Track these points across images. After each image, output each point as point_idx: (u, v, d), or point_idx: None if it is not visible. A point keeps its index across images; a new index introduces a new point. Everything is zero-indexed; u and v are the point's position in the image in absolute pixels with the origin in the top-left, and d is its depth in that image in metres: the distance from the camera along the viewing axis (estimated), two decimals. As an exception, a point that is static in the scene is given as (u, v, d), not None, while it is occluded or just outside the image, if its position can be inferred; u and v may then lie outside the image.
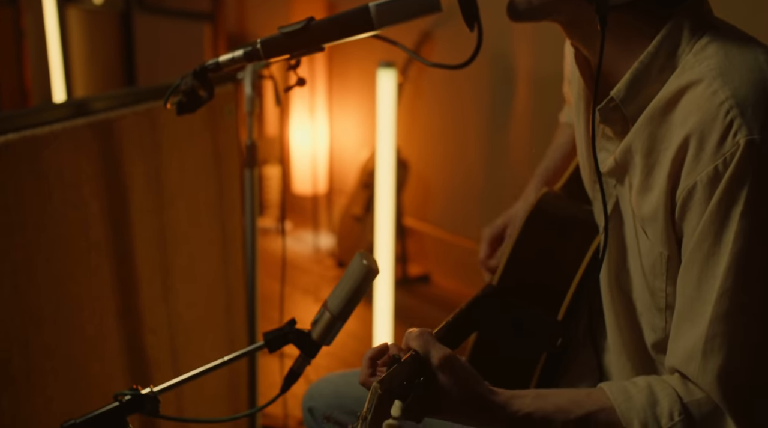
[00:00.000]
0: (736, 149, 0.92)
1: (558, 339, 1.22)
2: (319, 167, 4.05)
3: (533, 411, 1.00)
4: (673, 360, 1.02)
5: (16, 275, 1.50)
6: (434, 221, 3.72)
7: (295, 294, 3.48)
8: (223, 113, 2.03)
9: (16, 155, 1.47)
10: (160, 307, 1.89)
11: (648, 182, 1.03)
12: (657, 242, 1.04)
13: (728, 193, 0.93)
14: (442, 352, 0.98)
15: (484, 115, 3.41)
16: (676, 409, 0.98)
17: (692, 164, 0.95)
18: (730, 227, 0.93)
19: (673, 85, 1.00)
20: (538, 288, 1.28)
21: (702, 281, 0.97)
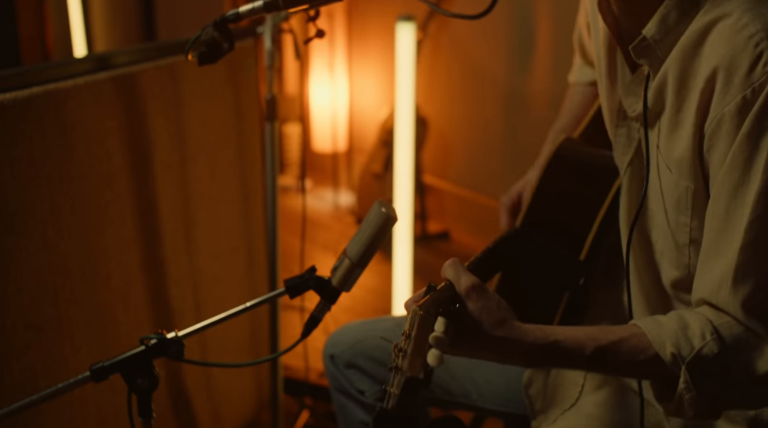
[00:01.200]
0: (765, 78, 0.93)
1: (580, 279, 1.24)
2: (339, 125, 4.06)
3: (563, 339, 1.00)
4: (702, 291, 1.03)
5: (45, 225, 1.53)
6: (454, 178, 3.73)
7: (315, 251, 3.52)
8: (244, 68, 2.04)
9: (41, 108, 1.50)
10: (183, 259, 1.93)
11: (678, 117, 1.04)
12: (683, 176, 1.04)
13: (757, 123, 0.94)
14: (471, 280, 0.99)
15: (503, 71, 3.40)
16: (707, 330, 0.99)
17: (721, 95, 0.96)
18: (759, 156, 0.94)
19: (703, 20, 1.00)
20: (560, 230, 1.30)
21: (730, 211, 0.97)
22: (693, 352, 0.98)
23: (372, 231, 1.17)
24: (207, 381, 2.07)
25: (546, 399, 1.35)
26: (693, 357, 0.98)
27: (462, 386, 1.45)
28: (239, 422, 2.24)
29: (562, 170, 1.32)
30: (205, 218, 1.99)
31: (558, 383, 1.33)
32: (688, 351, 0.98)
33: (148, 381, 1.19)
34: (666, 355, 0.99)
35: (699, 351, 0.98)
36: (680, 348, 0.99)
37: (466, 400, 1.45)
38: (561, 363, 1.12)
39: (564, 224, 1.30)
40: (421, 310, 0.92)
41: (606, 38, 1.20)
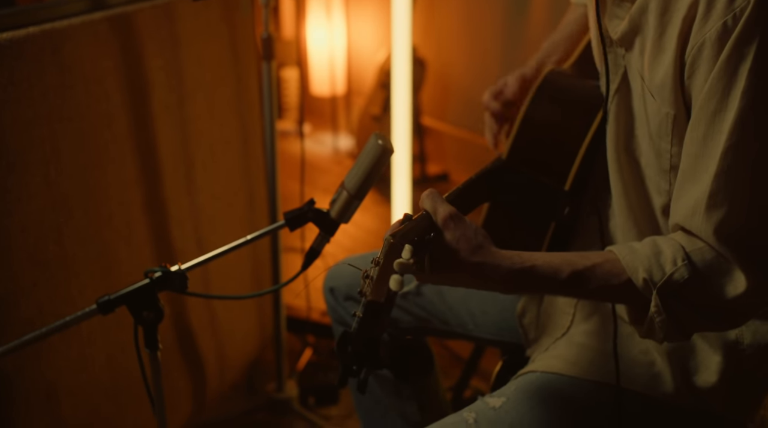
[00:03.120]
0: (746, 4, 0.93)
1: (565, 208, 1.26)
2: (337, 68, 4.04)
3: (540, 264, 1.03)
4: (677, 216, 1.05)
5: (46, 165, 1.55)
6: (452, 120, 3.73)
7: (315, 193, 3.51)
8: (239, 6, 2.03)
9: (37, 48, 1.50)
10: (184, 199, 1.95)
11: (661, 42, 1.04)
12: (665, 102, 1.05)
13: (736, 49, 0.94)
14: (448, 209, 1.02)
15: (501, 11, 3.37)
16: (679, 256, 1.01)
17: (702, 21, 0.96)
18: (737, 83, 0.95)
19: None
20: (545, 160, 1.32)
21: (708, 137, 0.98)
22: (664, 277, 1.01)
23: (369, 163, 1.19)
24: (211, 321, 2.11)
25: (539, 327, 1.38)
26: (664, 282, 1.01)
27: (458, 316, 1.48)
28: (243, 360, 2.29)
29: (548, 101, 1.33)
30: (205, 158, 2.00)
31: (550, 312, 1.36)
32: (660, 276, 1.01)
33: (153, 313, 1.23)
34: (638, 280, 1.02)
35: (670, 276, 1.01)
36: (652, 273, 1.01)
37: (462, 330, 1.49)
38: (538, 288, 1.15)
39: (549, 155, 1.31)
40: (391, 238, 0.94)
41: None
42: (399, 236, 0.95)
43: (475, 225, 1.05)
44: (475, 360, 2.03)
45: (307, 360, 2.49)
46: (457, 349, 2.48)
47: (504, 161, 1.35)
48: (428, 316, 1.50)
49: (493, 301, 1.46)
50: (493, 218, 1.36)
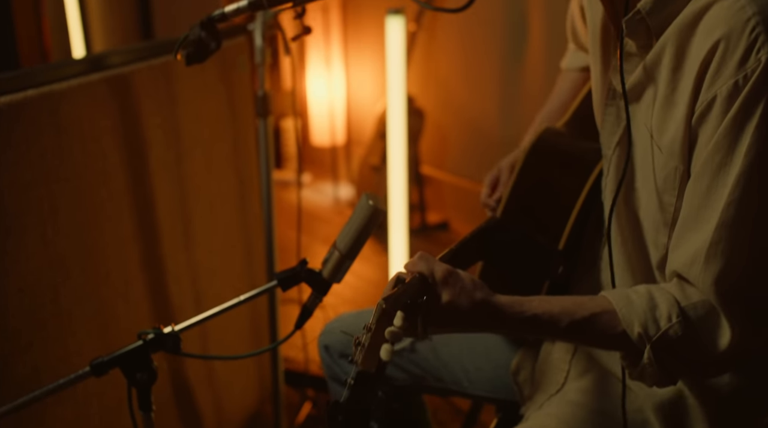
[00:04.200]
0: (757, 65, 0.95)
1: (559, 267, 1.27)
2: (337, 118, 4.08)
3: (540, 313, 1.06)
4: (675, 264, 1.06)
5: (43, 225, 1.56)
6: (452, 169, 3.75)
7: (315, 244, 3.55)
8: (236, 64, 2.07)
9: (35, 111, 1.52)
10: (182, 255, 1.96)
11: (673, 97, 1.05)
12: (674, 156, 1.06)
13: (745, 108, 0.96)
14: (443, 267, 1.04)
15: (498, 61, 3.41)
16: (674, 312, 1.04)
17: (714, 77, 0.98)
18: (743, 139, 0.97)
19: (702, 1, 1.01)
20: (539, 219, 1.32)
21: (711, 189, 1.00)
22: (659, 333, 1.04)
23: (360, 223, 1.20)
24: (209, 375, 2.10)
25: (534, 384, 1.38)
26: (658, 338, 1.04)
27: (452, 373, 1.48)
28: (242, 415, 2.28)
29: (542, 159, 1.35)
30: (203, 214, 2.01)
31: (545, 369, 1.36)
32: (655, 331, 1.04)
33: (146, 375, 1.23)
34: (633, 333, 1.05)
35: (665, 332, 1.04)
36: (647, 327, 1.04)
37: (457, 387, 1.49)
38: (537, 335, 1.21)
39: (543, 214, 1.32)
40: (384, 303, 0.95)
41: (601, 19, 1.21)
42: (391, 301, 0.95)
43: (472, 277, 1.07)
44: (474, 413, 2.01)
45: (307, 414, 2.47)
46: (458, 402, 2.46)
47: (498, 220, 1.36)
48: (423, 373, 1.49)
49: (488, 358, 1.46)
50: (487, 277, 1.36)
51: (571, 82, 1.59)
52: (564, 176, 1.32)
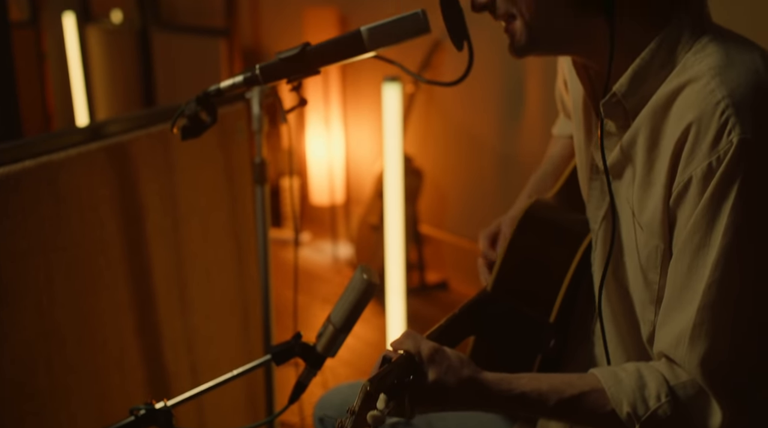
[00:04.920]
0: (729, 146, 0.96)
1: (551, 340, 1.26)
2: (336, 177, 4.10)
3: (528, 391, 1.05)
4: (661, 344, 1.06)
5: (39, 295, 1.56)
6: (451, 228, 3.76)
7: (314, 304, 3.53)
8: (234, 131, 2.09)
9: (34, 181, 1.54)
10: (178, 322, 1.95)
11: (650, 176, 1.07)
12: (654, 235, 1.07)
13: (720, 188, 0.97)
14: (430, 345, 1.04)
15: (496, 121, 3.45)
16: (663, 391, 1.03)
17: (688, 159, 1.00)
18: (720, 220, 0.98)
19: (674, 83, 1.04)
20: (530, 292, 1.32)
21: (692, 270, 1.01)
22: (648, 413, 1.03)
23: (354, 297, 1.20)
24: (204, 441, 2.08)
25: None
26: (647, 418, 1.04)
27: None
28: (238, 482, 2.24)
29: (531, 233, 1.35)
30: (199, 280, 2.01)
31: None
32: (644, 411, 1.04)
33: (138, 452, 1.21)
34: (622, 413, 1.04)
35: (654, 412, 1.03)
36: (636, 407, 1.04)
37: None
38: (526, 413, 1.20)
39: (533, 287, 1.32)
40: (369, 385, 0.94)
41: (581, 96, 1.23)
42: (376, 381, 0.94)
43: (460, 354, 1.07)
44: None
45: (304, 481, 2.43)
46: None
47: (488, 294, 1.36)
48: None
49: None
50: (479, 352, 1.35)
51: (561, 149, 1.60)
52: (553, 248, 1.33)
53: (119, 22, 5.56)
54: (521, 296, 1.32)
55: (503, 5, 1.09)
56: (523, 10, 1.07)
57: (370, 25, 1.16)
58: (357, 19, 3.91)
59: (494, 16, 1.12)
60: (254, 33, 4.59)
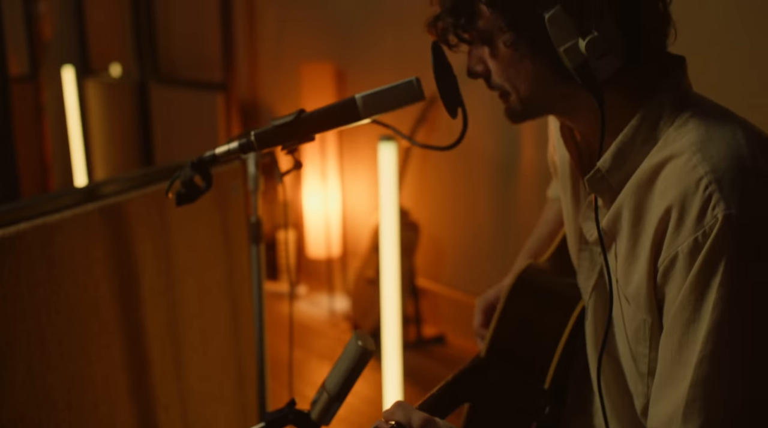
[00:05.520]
0: (714, 222, 0.96)
1: (545, 407, 1.24)
2: (333, 230, 4.10)
3: None
4: (654, 422, 1.04)
5: (30, 358, 1.54)
6: (447, 282, 3.74)
7: (310, 359, 3.50)
8: (230, 189, 2.09)
9: (27, 244, 1.53)
10: (172, 383, 1.93)
11: (635, 250, 1.07)
12: (640, 308, 1.07)
13: (707, 264, 0.97)
14: (422, 416, 1.03)
15: (493, 174, 3.46)
16: None
17: (674, 234, 1.00)
18: (709, 296, 0.97)
19: (656, 158, 1.04)
20: (524, 359, 1.31)
21: (683, 346, 1.00)
22: None
23: (349, 364, 1.19)
24: None
25: None
26: None
27: None
28: None
29: (524, 298, 1.35)
30: (194, 340, 1.99)
31: None
32: None
33: None
34: None
35: None
36: None
37: None
38: None
39: (528, 352, 1.31)
40: None
41: (569, 163, 1.24)
42: None
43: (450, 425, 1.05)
44: None
45: None
46: None
47: (482, 360, 1.34)
48: None
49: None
50: (473, 419, 1.33)
51: (555, 212, 1.61)
52: (546, 314, 1.32)
53: (118, 75, 5.62)
54: (515, 362, 1.31)
55: (498, 80, 1.11)
56: (518, 87, 1.09)
57: (364, 92, 1.17)
58: (353, 74, 3.96)
59: (488, 86, 1.13)
60: (252, 87, 4.64)
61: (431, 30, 1.14)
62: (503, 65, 1.09)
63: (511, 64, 1.08)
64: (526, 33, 1.04)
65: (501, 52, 1.08)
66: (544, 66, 1.06)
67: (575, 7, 1.00)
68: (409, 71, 1.20)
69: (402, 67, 3.64)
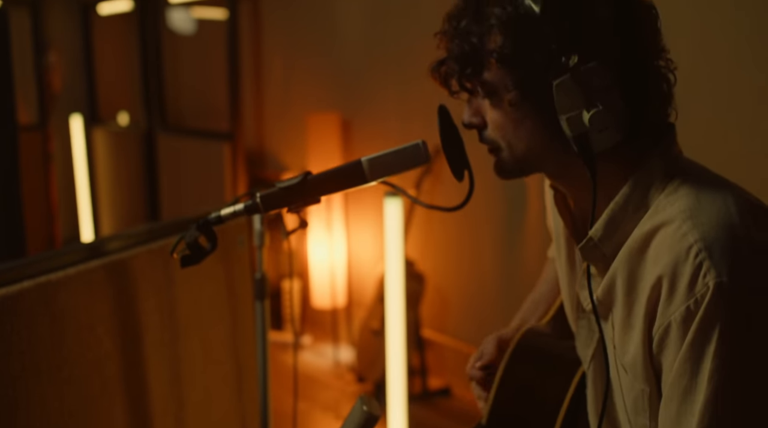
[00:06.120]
0: (706, 290, 0.96)
1: None
2: (338, 280, 4.09)
3: None
4: None
5: (30, 418, 1.52)
6: (453, 333, 3.71)
7: (314, 411, 3.46)
8: (236, 243, 2.08)
9: (31, 302, 1.52)
10: (174, 441, 1.90)
11: (630, 320, 1.06)
12: (638, 378, 1.06)
13: (701, 332, 0.96)
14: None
15: (498, 225, 3.45)
16: None
17: (666, 303, 0.99)
18: (704, 364, 0.96)
19: (647, 225, 1.04)
20: (526, 425, 1.29)
21: (681, 415, 0.99)
22: None
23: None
24: None
25: None
26: None
27: None
28: None
29: (525, 362, 1.33)
30: (197, 397, 1.97)
31: None
32: None
33: None
34: None
35: None
36: None
37: None
38: None
39: (530, 418, 1.29)
40: None
41: (564, 232, 1.23)
42: None
43: None
44: None
45: None
46: None
47: (484, 426, 1.32)
48: None
49: None
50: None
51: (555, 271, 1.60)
52: (547, 379, 1.30)
53: (126, 124, 5.67)
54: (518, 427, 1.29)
55: (493, 135, 1.10)
56: (513, 145, 1.09)
57: (370, 155, 1.17)
58: (359, 123, 3.98)
59: (480, 138, 1.12)
60: (258, 136, 4.66)
61: (434, 74, 1.13)
62: (502, 122, 1.08)
63: (511, 122, 1.07)
64: (531, 95, 1.04)
65: (502, 108, 1.07)
66: (543, 129, 1.06)
67: (584, 78, 1.00)
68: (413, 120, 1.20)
69: (407, 116, 3.67)
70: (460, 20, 1.07)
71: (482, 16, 1.04)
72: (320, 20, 4.18)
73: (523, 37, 1.02)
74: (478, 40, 1.04)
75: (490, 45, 1.04)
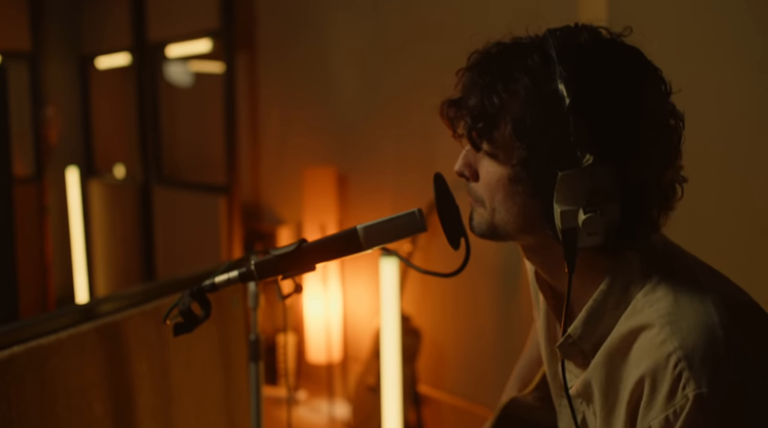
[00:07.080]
0: (685, 401, 0.94)
1: None
2: (333, 335, 4.05)
3: None
4: None
5: (17, 488, 1.48)
6: (450, 389, 3.67)
7: (309, 470, 3.40)
8: (230, 303, 2.06)
9: (20, 367, 1.50)
10: None
11: (611, 419, 1.04)
12: None
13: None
14: None
15: (494, 281, 3.43)
16: None
17: (646, 408, 0.97)
18: None
19: (626, 327, 1.02)
20: None
21: None
22: None
23: None
24: None
25: None
26: None
27: None
28: None
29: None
30: (189, 461, 1.93)
31: None
32: None
33: None
34: None
35: None
36: None
37: None
38: None
39: None
40: None
41: (546, 311, 1.22)
42: None
43: None
44: None
45: None
46: None
47: None
48: None
49: None
50: None
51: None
52: None
53: (122, 176, 5.67)
54: None
55: (480, 191, 1.08)
56: (498, 212, 1.06)
57: (366, 223, 1.16)
58: (355, 177, 3.99)
59: (467, 189, 1.10)
60: (254, 189, 4.67)
61: (443, 111, 1.09)
62: (494, 186, 1.05)
63: (503, 191, 1.05)
64: (534, 175, 1.01)
65: (499, 173, 1.04)
66: (533, 211, 1.03)
67: (592, 179, 0.98)
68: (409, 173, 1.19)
69: (402, 169, 3.67)
70: (485, 73, 1.03)
71: (510, 79, 1.00)
72: (316, 73, 4.21)
73: (545, 118, 0.98)
74: (499, 101, 1.01)
75: (510, 110, 1.00)
